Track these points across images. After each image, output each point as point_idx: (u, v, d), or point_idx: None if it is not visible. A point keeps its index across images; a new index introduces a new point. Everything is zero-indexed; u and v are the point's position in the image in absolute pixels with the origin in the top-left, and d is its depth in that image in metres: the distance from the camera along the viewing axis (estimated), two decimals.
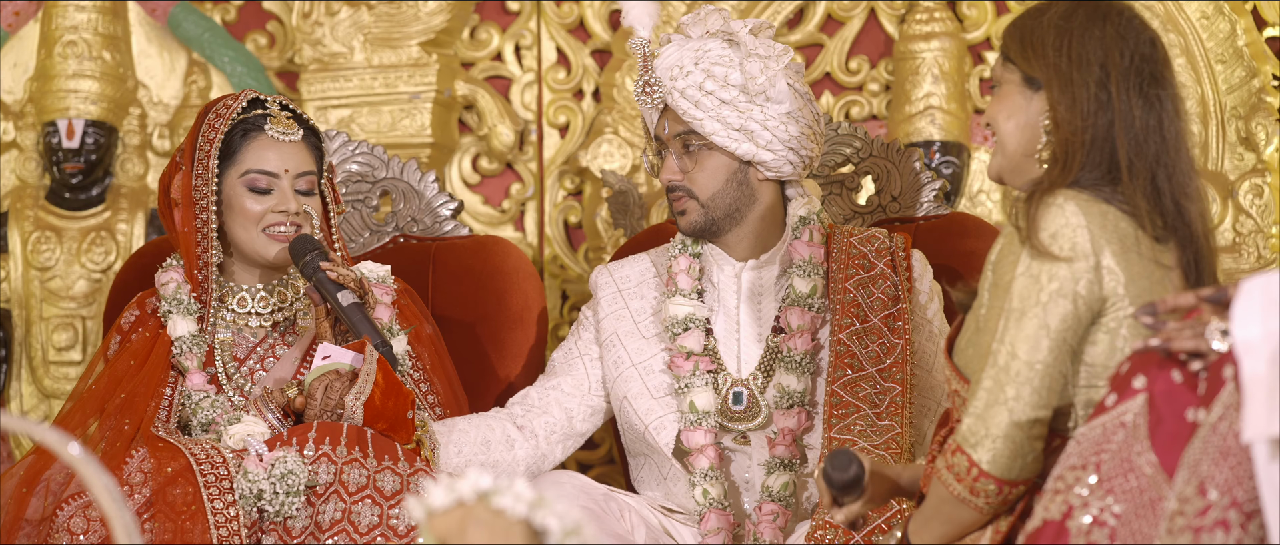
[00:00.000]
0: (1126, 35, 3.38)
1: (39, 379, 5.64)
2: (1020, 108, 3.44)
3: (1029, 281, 3.25)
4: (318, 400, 4.03)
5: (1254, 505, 2.81)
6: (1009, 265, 3.29)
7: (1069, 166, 3.33)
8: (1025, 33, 3.44)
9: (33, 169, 5.72)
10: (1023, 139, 3.43)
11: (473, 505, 2.46)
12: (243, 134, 4.24)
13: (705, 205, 4.23)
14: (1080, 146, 3.33)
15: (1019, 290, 3.25)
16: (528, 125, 5.70)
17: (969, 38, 5.36)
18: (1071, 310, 3.24)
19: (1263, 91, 5.04)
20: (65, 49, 5.64)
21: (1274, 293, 2.81)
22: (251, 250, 4.25)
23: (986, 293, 3.38)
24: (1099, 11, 3.41)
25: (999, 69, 3.50)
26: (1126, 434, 2.97)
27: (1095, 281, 3.24)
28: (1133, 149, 3.32)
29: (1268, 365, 2.77)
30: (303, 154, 4.27)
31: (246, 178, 4.23)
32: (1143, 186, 3.32)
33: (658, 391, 4.27)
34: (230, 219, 4.25)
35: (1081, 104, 3.34)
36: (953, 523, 3.33)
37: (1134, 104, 3.33)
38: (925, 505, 3.37)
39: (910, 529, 3.41)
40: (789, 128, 4.19)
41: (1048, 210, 3.27)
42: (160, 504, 3.86)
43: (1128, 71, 3.35)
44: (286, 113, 4.28)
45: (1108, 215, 3.29)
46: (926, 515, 3.37)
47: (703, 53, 4.19)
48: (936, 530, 3.36)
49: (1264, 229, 5.00)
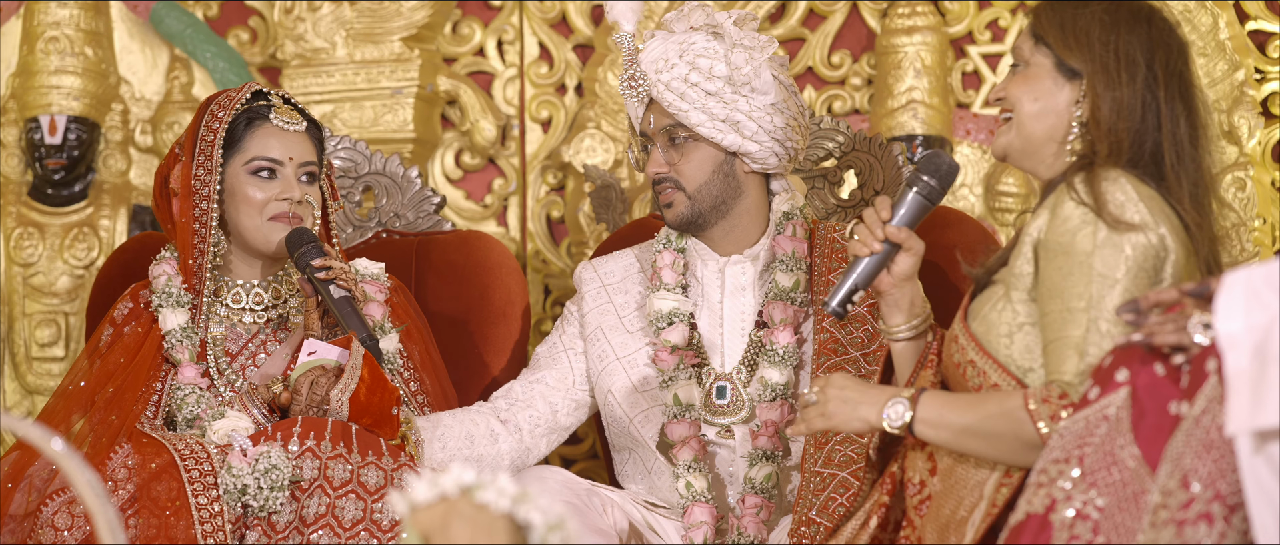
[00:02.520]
0: (1169, 40, 3.47)
1: (21, 375, 5.63)
2: (1048, 92, 3.50)
3: (1112, 250, 3.31)
4: (303, 395, 4.03)
5: (1237, 498, 2.82)
6: (1084, 235, 3.33)
7: (1117, 154, 3.41)
8: (1067, 20, 3.49)
9: (15, 165, 5.71)
10: (1047, 124, 3.49)
11: (456, 500, 2.46)
12: (247, 123, 4.26)
13: (692, 197, 4.23)
14: (1126, 142, 3.41)
15: (1105, 258, 3.30)
16: (510, 120, 5.70)
17: (951, 32, 5.37)
18: (1151, 275, 3.31)
19: (1245, 85, 5.04)
20: (47, 45, 5.63)
21: (1257, 286, 2.81)
22: (255, 238, 4.25)
23: (1025, 262, 3.41)
24: (1141, 12, 3.48)
25: (1028, 49, 3.52)
26: (1109, 427, 2.98)
27: (1162, 247, 3.32)
28: (1175, 155, 3.41)
29: (1251, 358, 2.78)
30: (306, 144, 4.28)
31: (251, 164, 4.24)
32: (1187, 187, 3.40)
33: (642, 385, 4.27)
34: (233, 207, 4.25)
35: (1126, 101, 3.42)
36: (1002, 453, 3.34)
37: (1178, 108, 3.44)
38: (974, 417, 3.36)
39: (928, 420, 3.41)
40: (774, 119, 4.19)
41: (1109, 184, 3.35)
42: (144, 499, 3.85)
43: (1170, 76, 3.45)
44: (289, 104, 4.29)
45: (1156, 198, 3.37)
46: (970, 428, 3.36)
47: (687, 45, 4.20)
48: (971, 445, 3.37)
49: (1247, 222, 5.01)
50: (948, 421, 3.38)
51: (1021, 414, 3.28)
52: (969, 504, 3.38)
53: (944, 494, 3.44)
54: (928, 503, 3.47)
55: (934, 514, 3.45)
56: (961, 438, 3.37)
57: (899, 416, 3.42)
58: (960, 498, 3.41)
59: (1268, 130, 5.06)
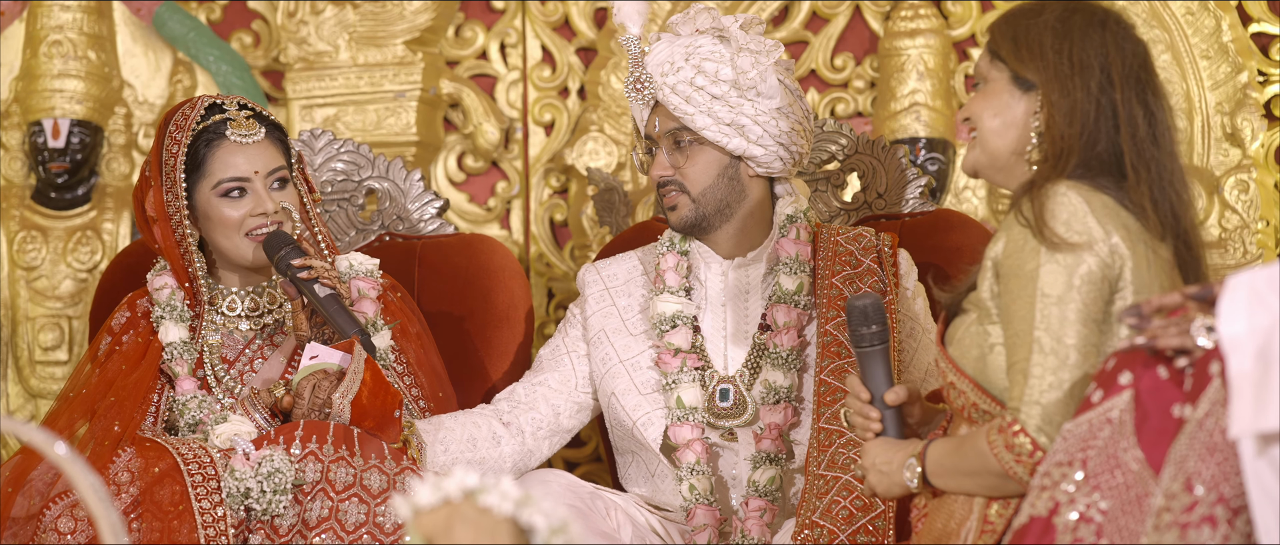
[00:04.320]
0: (1124, 42, 3.43)
1: (25, 379, 5.63)
2: (1006, 106, 3.48)
3: (1058, 269, 3.29)
4: (305, 399, 4.02)
5: (1240, 501, 2.82)
6: (1028, 255, 3.32)
7: (1062, 164, 3.38)
8: (1019, 32, 3.47)
9: (18, 169, 5.72)
10: (1009, 138, 3.48)
11: (459, 503, 2.46)
12: (206, 143, 4.21)
13: (696, 200, 4.22)
14: (1077, 147, 3.39)
15: (1050, 279, 3.29)
16: (513, 123, 5.70)
17: (954, 34, 5.37)
18: (1100, 290, 3.29)
19: (1248, 87, 5.04)
20: (50, 49, 5.63)
21: (1260, 289, 2.81)
22: (236, 256, 4.24)
23: (990, 285, 3.41)
24: (1096, 16, 3.44)
25: (985, 66, 3.51)
26: (1113, 430, 2.98)
27: (1112, 261, 3.30)
28: (1135, 153, 3.39)
29: (1254, 361, 2.78)
30: (269, 151, 4.25)
31: (219, 188, 4.20)
32: (1147, 189, 3.37)
33: (645, 388, 4.27)
34: (210, 229, 4.23)
35: (1081, 107, 3.40)
36: (986, 488, 3.37)
37: (1135, 109, 3.40)
38: (957, 459, 3.40)
39: (930, 472, 3.46)
40: (779, 123, 4.19)
41: (1053, 200, 3.33)
42: (147, 503, 3.86)
43: (1127, 77, 3.41)
44: (246, 112, 4.25)
45: (1108, 205, 3.34)
46: (956, 469, 3.40)
47: (693, 49, 4.19)
48: (964, 484, 3.41)
49: (1249, 224, 5.01)
50: (945, 468, 3.44)
51: (984, 448, 3.32)
52: (959, 517, 3.41)
53: (937, 508, 3.48)
54: (923, 519, 3.51)
55: (928, 529, 3.48)
56: (959, 480, 3.42)
57: (914, 476, 3.49)
58: (951, 511, 3.44)
59: (1271, 132, 5.06)
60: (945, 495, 3.46)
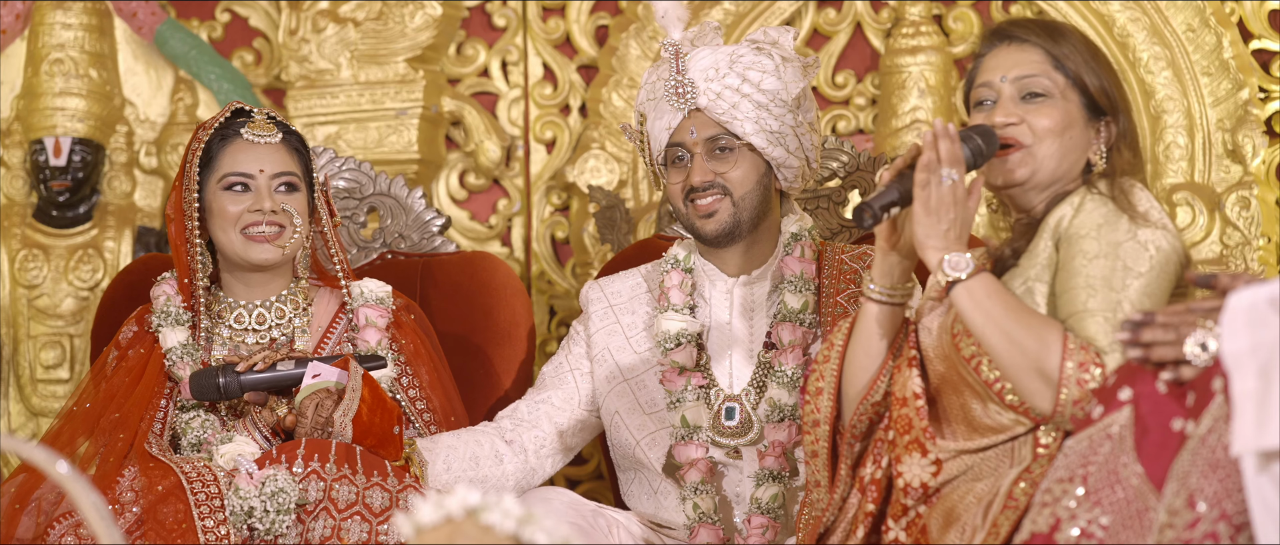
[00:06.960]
0: None
1: (26, 397, 5.63)
2: (1076, 125, 3.65)
3: (1138, 247, 3.44)
4: (308, 418, 4.03)
5: (1243, 518, 2.82)
6: (1113, 229, 3.48)
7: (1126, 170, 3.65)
8: (1087, 60, 3.68)
9: (20, 187, 5.72)
10: (1074, 160, 3.64)
11: (461, 521, 2.46)
12: (221, 140, 4.26)
13: (737, 204, 4.18)
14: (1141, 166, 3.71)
15: (1132, 251, 3.44)
16: (515, 141, 5.70)
17: (955, 52, 5.37)
18: (1173, 275, 3.46)
19: (1249, 104, 5.05)
20: (52, 67, 5.64)
21: (1261, 306, 2.81)
22: (232, 253, 4.26)
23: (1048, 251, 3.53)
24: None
25: (1059, 83, 3.66)
26: (1113, 445, 2.98)
27: (1180, 252, 3.49)
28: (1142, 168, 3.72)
29: (1257, 378, 2.78)
30: (280, 155, 4.26)
31: (224, 181, 4.24)
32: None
33: (649, 406, 4.27)
34: (213, 225, 4.26)
35: (1130, 130, 3.69)
36: (1011, 363, 3.38)
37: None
38: (1018, 314, 3.40)
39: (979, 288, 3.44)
40: (811, 137, 4.20)
41: (1133, 192, 3.54)
42: (151, 522, 3.86)
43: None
44: (266, 116, 4.28)
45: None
46: (1008, 316, 3.40)
47: (736, 57, 4.17)
48: (994, 336, 3.40)
49: (1251, 240, 5.01)
50: (988, 306, 3.41)
51: (1056, 344, 3.33)
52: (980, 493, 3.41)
53: (951, 489, 3.47)
54: (936, 496, 3.49)
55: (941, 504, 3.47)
56: (989, 326, 3.39)
57: (957, 268, 3.44)
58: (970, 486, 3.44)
59: (1272, 149, 5.06)
60: (946, 496, 3.45)
